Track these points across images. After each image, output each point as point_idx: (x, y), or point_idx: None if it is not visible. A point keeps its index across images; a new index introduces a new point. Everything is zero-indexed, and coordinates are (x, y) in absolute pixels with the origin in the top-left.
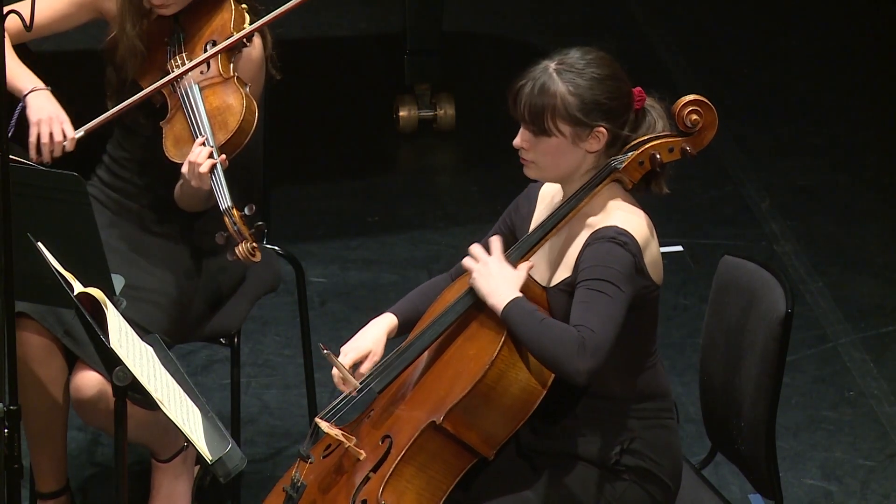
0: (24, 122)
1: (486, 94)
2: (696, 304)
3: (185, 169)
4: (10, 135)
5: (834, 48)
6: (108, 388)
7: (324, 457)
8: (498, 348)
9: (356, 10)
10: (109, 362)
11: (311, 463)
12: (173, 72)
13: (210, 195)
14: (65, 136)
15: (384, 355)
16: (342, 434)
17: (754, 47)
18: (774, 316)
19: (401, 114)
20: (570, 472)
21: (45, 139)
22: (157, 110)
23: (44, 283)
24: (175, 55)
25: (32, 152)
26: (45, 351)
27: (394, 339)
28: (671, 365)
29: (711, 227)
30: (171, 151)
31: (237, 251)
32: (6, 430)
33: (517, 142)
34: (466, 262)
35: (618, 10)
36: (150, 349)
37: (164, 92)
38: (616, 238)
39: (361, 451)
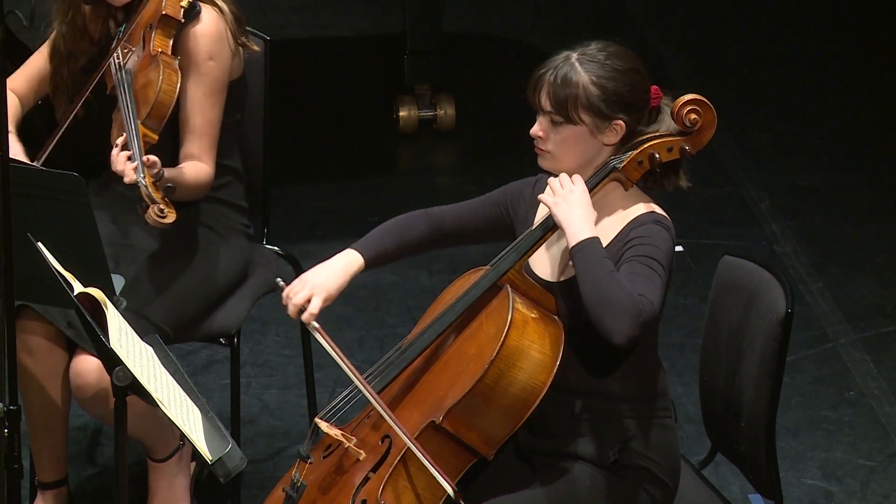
0: None
1: (486, 94)
2: (696, 304)
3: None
4: None
5: (834, 48)
6: (108, 376)
7: (324, 457)
8: (498, 348)
9: (356, 11)
10: (109, 362)
11: (310, 463)
12: (110, 61)
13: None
14: None
15: (386, 354)
16: (342, 434)
17: (754, 47)
18: (774, 316)
19: (401, 114)
20: (568, 471)
21: None
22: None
23: (44, 283)
24: (119, 45)
25: None
26: (47, 344)
27: (396, 339)
28: (671, 365)
29: (711, 227)
30: (115, 137)
31: (146, 217)
32: (6, 430)
33: (535, 130)
34: (551, 180)
35: (618, 10)
36: (150, 349)
37: (108, 83)
38: (662, 221)
39: (361, 452)
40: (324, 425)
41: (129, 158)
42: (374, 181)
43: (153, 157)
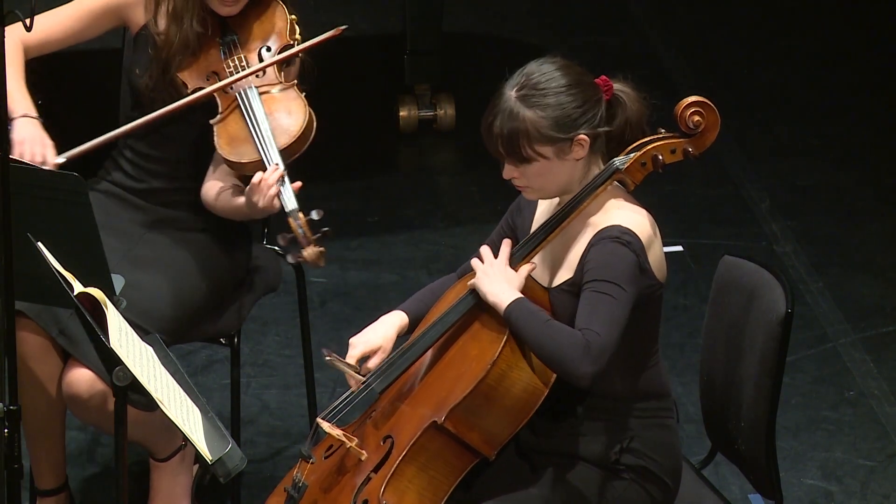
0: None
1: (486, 94)
2: (696, 304)
3: (253, 194)
4: None
5: (834, 48)
6: (100, 385)
7: (325, 457)
8: (500, 348)
9: (356, 11)
10: (109, 362)
11: (312, 463)
12: (232, 73)
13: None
14: (44, 161)
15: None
16: (344, 434)
17: (754, 47)
18: (774, 316)
19: (401, 114)
20: (570, 471)
21: (24, 158)
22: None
23: (44, 283)
24: (230, 56)
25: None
26: (42, 349)
27: (402, 337)
28: (671, 365)
29: (711, 227)
30: (225, 150)
31: (305, 254)
32: (6, 431)
33: (506, 174)
34: (474, 262)
35: (618, 10)
36: (150, 349)
37: (215, 94)
38: (620, 238)
39: (363, 452)
40: (325, 425)
41: (280, 181)
42: (374, 181)
43: (298, 184)
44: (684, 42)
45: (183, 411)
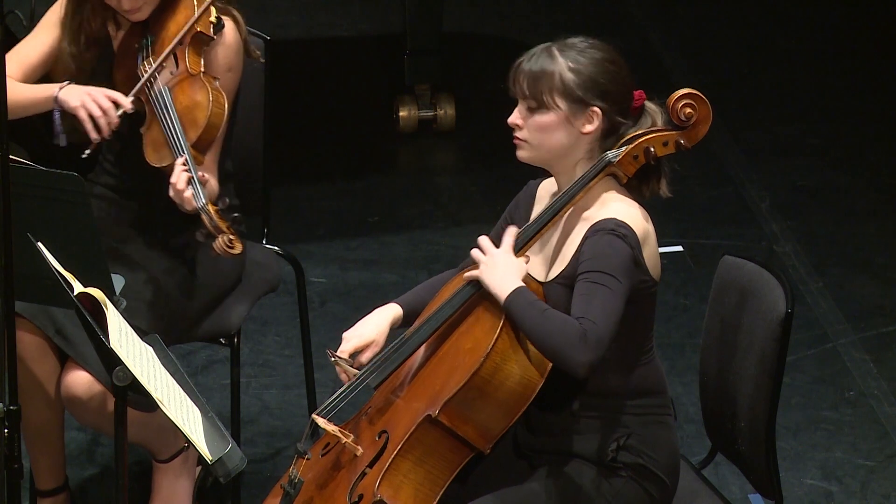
0: (72, 125)
1: (486, 94)
2: (696, 304)
3: (171, 193)
4: (64, 144)
5: (834, 48)
6: (98, 387)
7: (322, 454)
8: (493, 341)
9: (356, 11)
10: (109, 362)
11: (308, 460)
12: (142, 77)
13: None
14: (115, 103)
15: (384, 347)
16: (339, 430)
17: (754, 47)
18: (774, 316)
19: (401, 114)
20: (567, 469)
21: (96, 112)
22: (131, 115)
23: (44, 284)
24: (144, 60)
25: (93, 133)
26: (39, 350)
27: (396, 330)
28: (671, 365)
29: (711, 227)
30: (151, 157)
31: (214, 246)
32: (6, 430)
33: (512, 118)
34: (474, 252)
35: (618, 10)
36: (150, 349)
37: (142, 98)
38: (616, 230)
39: (358, 447)
40: (321, 421)
41: (189, 182)
42: (374, 181)
43: (206, 176)
44: (684, 42)
45: (183, 411)
